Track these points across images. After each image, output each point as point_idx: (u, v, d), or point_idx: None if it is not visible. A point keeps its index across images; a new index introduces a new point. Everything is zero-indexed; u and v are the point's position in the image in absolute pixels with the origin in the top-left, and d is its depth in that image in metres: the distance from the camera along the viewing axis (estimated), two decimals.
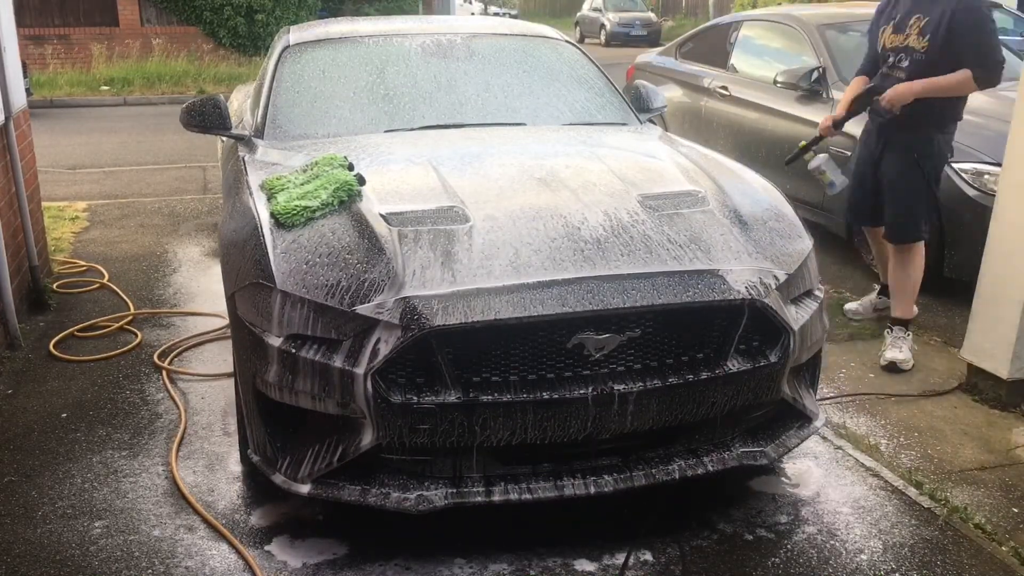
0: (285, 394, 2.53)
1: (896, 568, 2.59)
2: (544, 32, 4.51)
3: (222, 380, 3.77)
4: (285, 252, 2.62)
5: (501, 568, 2.57)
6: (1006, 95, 5.24)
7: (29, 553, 2.63)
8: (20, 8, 14.00)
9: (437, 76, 3.94)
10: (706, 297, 2.53)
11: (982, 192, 4.57)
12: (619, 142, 3.64)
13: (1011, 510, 2.92)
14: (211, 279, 5.04)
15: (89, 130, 11.14)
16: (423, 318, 2.37)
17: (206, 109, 3.65)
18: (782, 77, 5.88)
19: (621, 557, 2.61)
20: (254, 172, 3.21)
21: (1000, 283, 3.56)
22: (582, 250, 2.59)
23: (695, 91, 6.99)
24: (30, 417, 3.47)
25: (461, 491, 2.51)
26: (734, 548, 2.67)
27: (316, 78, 3.90)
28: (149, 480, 3.02)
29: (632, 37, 25.42)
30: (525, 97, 3.96)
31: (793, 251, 2.85)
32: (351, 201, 2.83)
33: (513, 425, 2.44)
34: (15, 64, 4.63)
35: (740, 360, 2.62)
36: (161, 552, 2.64)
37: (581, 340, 2.46)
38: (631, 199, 2.89)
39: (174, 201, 7.17)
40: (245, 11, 16.62)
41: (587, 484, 2.55)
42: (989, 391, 3.66)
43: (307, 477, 2.53)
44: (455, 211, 2.75)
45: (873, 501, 2.92)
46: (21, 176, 4.54)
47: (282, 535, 2.72)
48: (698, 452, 2.69)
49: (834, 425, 3.43)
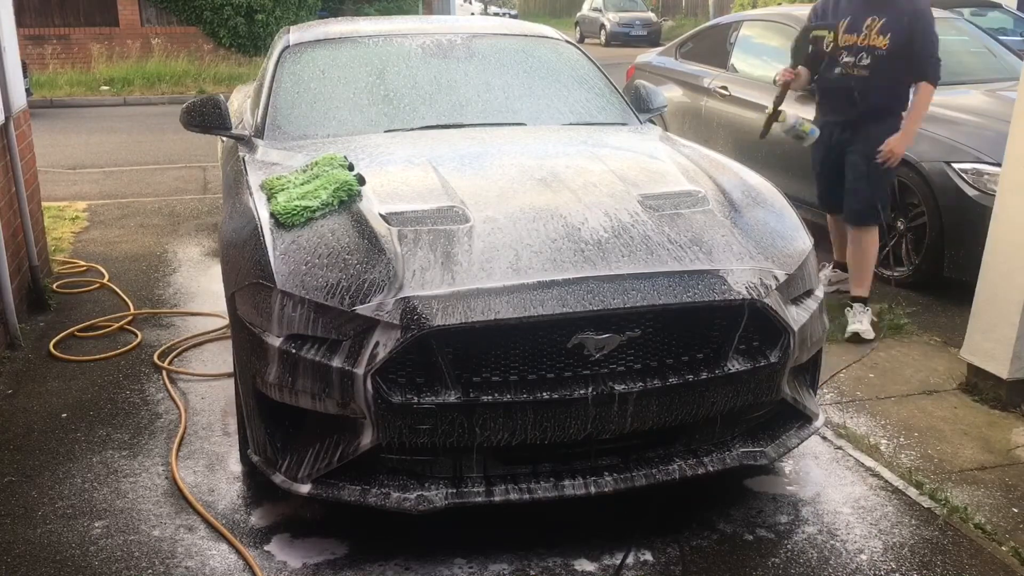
0: (285, 394, 2.53)
1: (896, 568, 2.59)
2: (544, 32, 4.51)
3: (222, 380, 3.77)
4: (285, 252, 2.62)
5: (501, 568, 2.57)
6: (1006, 95, 5.25)
7: (29, 553, 2.63)
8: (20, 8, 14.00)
9: (437, 76, 3.94)
10: (706, 297, 2.53)
11: (982, 192, 4.57)
12: (619, 142, 3.64)
13: (1011, 510, 2.92)
14: (211, 279, 5.04)
15: (89, 130, 11.14)
16: (423, 318, 2.37)
17: (206, 109, 3.65)
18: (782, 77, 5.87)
19: (621, 557, 2.61)
20: (254, 172, 3.21)
21: (1000, 283, 3.56)
22: (582, 250, 2.59)
23: (695, 91, 6.99)
24: (30, 417, 3.47)
25: (461, 491, 2.51)
26: (734, 548, 2.67)
27: (316, 78, 3.90)
28: (149, 480, 3.02)
29: (632, 37, 25.42)
30: (525, 97, 3.96)
31: (793, 251, 2.85)
32: (351, 201, 2.83)
33: (513, 425, 2.44)
34: (15, 64, 4.63)
35: (740, 360, 2.62)
36: (161, 552, 2.64)
37: (581, 340, 2.46)
38: (631, 199, 2.89)
39: (174, 201, 7.17)
40: (245, 11, 16.62)
41: (587, 484, 2.55)
42: (989, 391, 3.66)
43: (307, 477, 2.53)
44: (455, 211, 2.75)
45: (873, 501, 2.92)
46: (21, 176, 4.54)
47: (282, 535, 2.72)
48: (698, 452, 2.69)
49: (834, 425, 3.43)
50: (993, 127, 4.76)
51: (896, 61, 4.21)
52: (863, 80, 4.28)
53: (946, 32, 6.49)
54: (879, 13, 4.23)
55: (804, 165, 5.68)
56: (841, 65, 4.33)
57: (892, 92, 4.30)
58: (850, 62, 4.30)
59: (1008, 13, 10.63)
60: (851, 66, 4.30)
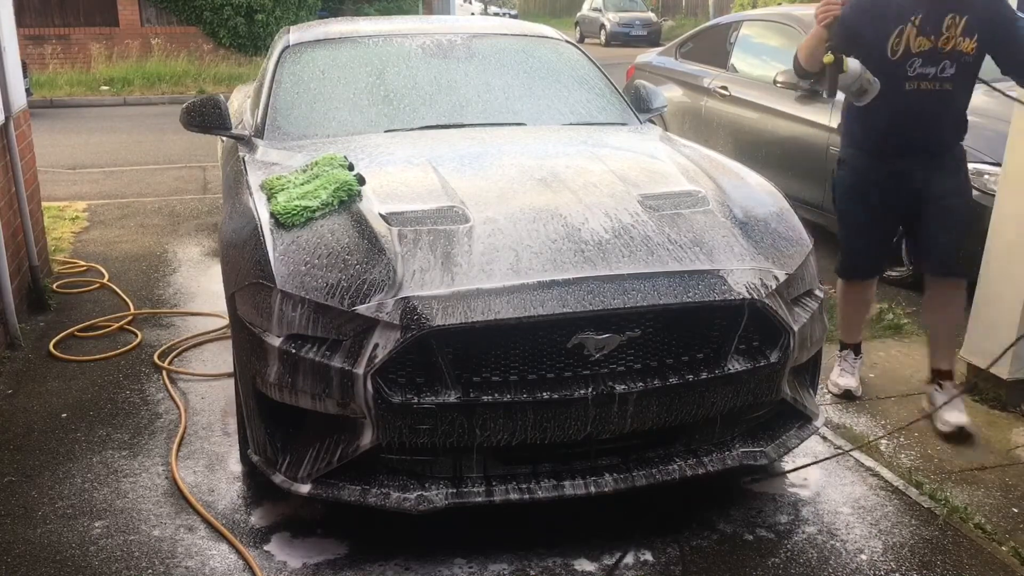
0: (285, 394, 2.53)
1: (896, 568, 2.59)
2: (544, 32, 4.51)
3: (222, 380, 3.77)
4: (285, 252, 2.62)
5: (501, 568, 2.57)
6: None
7: (29, 553, 2.63)
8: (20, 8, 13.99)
9: (437, 76, 3.94)
10: (706, 297, 2.53)
11: (982, 192, 4.56)
12: (619, 142, 3.64)
13: (1011, 510, 2.92)
14: (211, 279, 5.04)
15: (89, 130, 11.14)
16: (423, 318, 2.37)
17: (206, 109, 3.65)
18: (782, 77, 5.87)
19: (621, 557, 2.61)
20: (254, 172, 3.21)
21: (1000, 283, 3.56)
22: (582, 250, 2.59)
23: (695, 91, 6.99)
24: (30, 417, 3.47)
25: (461, 491, 2.50)
26: (734, 548, 2.67)
27: (316, 78, 3.90)
28: (149, 480, 3.02)
29: (632, 37, 25.42)
30: (525, 97, 3.96)
31: (793, 251, 2.85)
32: (351, 201, 2.82)
33: (513, 425, 2.44)
34: (15, 64, 4.63)
35: (740, 360, 2.62)
36: (161, 552, 2.64)
37: (581, 340, 2.46)
38: (631, 199, 2.89)
39: (174, 201, 7.17)
40: (245, 11, 16.61)
41: (587, 484, 2.55)
42: (989, 391, 3.66)
43: (307, 477, 2.53)
44: (455, 211, 2.75)
45: (873, 501, 2.92)
46: (21, 176, 4.54)
47: (282, 535, 2.72)
48: (698, 452, 2.69)
49: (834, 425, 3.43)
50: (993, 127, 4.75)
51: (976, 69, 3.35)
52: (947, 96, 3.31)
53: None
54: (957, 10, 3.24)
55: (804, 165, 5.69)
56: (914, 78, 3.29)
57: (966, 112, 3.41)
58: (929, 73, 3.28)
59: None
60: (929, 78, 3.28)
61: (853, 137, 3.53)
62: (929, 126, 3.34)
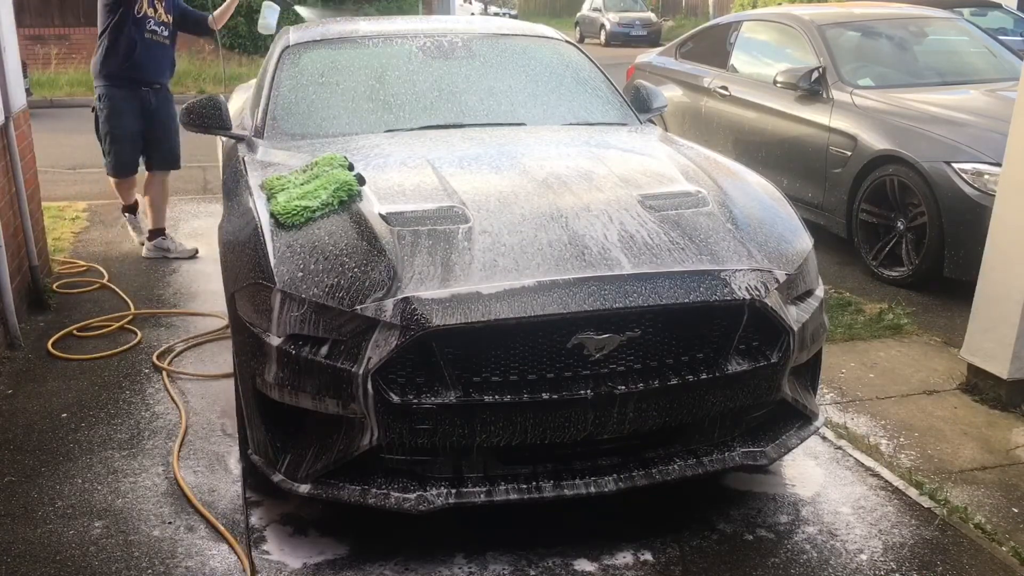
0: (285, 394, 2.53)
1: (896, 568, 2.59)
2: (544, 32, 4.51)
3: (222, 380, 3.76)
4: (285, 252, 2.62)
5: (501, 568, 2.57)
6: (1006, 95, 5.25)
7: (29, 553, 2.63)
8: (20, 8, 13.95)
9: (437, 76, 3.94)
10: (706, 297, 2.53)
11: (982, 192, 4.57)
12: (619, 142, 3.63)
13: (1011, 510, 2.92)
14: (211, 279, 5.04)
15: (89, 130, 11.06)
16: (423, 318, 2.37)
17: (206, 109, 3.65)
18: (782, 77, 5.88)
19: (621, 557, 2.61)
20: (254, 172, 3.21)
21: (1000, 283, 3.56)
22: (582, 250, 2.59)
23: (695, 91, 6.99)
24: (30, 417, 3.47)
25: (461, 491, 2.50)
26: (734, 548, 2.67)
27: (316, 78, 3.90)
28: (149, 480, 3.02)
29: (632, 37, 25.41)
30: (525, 97, 3.96)
31: (793, 251, 2.85)
32: (351, 201, 2.82)
33: (513, 425, 2.44)
34: (15, 64, 4.63)
35: (740, 360, 2.62)
36: (161, 552, 2.64)
37: (581, 340, 2.45)
38: (631, 199, 2.89)
39: (174, 201, 7.14)
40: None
41: (587, 484, 2.55)
42: (989, 391, 3.66)
43: (307, 477, 2.53)
44: (455, 211, 2.75)
45: (873, 501, 2.92)
46: (21, 176, 4.54)
47: (282, 535, 2.72)
48: (698, 452, 2.69)
49: (834, 425, 3.43)
50: (993, 127, 4.76)
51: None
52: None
53: (946, 32, 6.52)
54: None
55: (804, 165, 5.70)
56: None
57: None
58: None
59: (1008, 13, 10.65)
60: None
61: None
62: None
